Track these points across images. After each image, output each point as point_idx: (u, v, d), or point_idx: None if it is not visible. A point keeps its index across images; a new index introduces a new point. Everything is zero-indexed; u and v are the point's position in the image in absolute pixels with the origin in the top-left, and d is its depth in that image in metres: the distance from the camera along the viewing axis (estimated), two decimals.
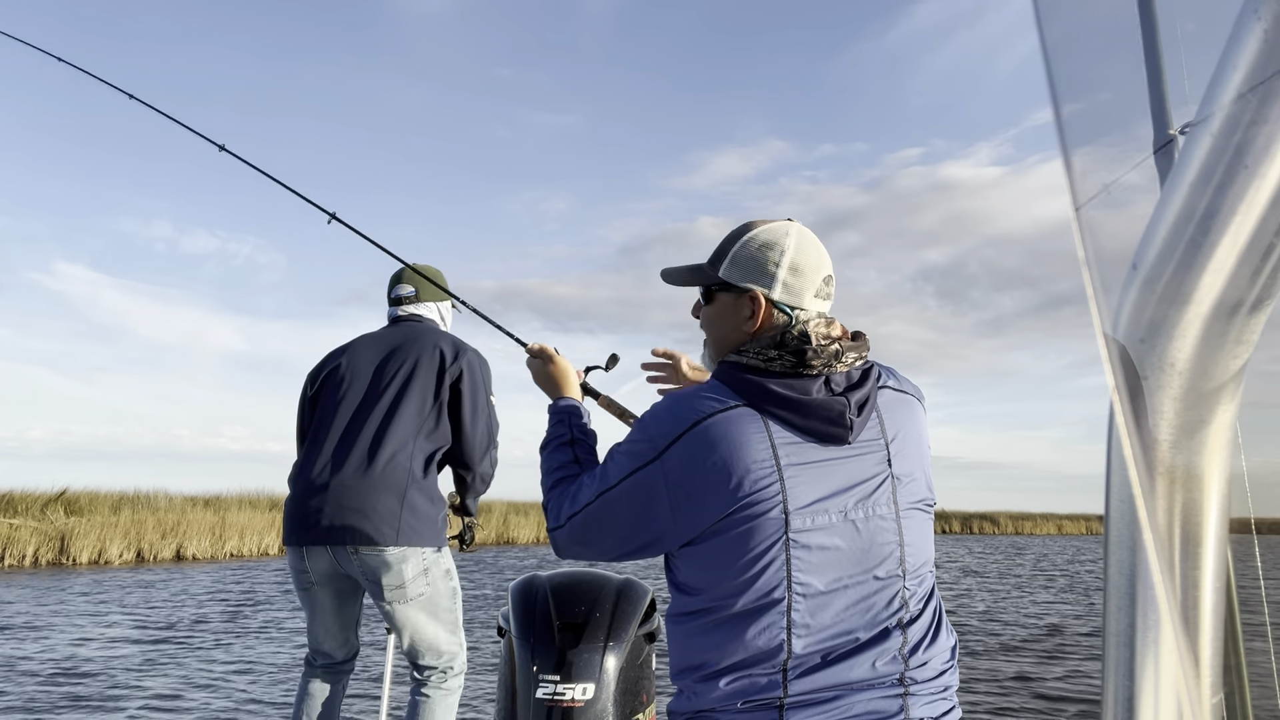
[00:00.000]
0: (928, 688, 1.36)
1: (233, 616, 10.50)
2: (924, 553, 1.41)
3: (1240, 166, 0.36)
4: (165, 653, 8.12)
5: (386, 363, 2.91)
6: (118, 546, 17.78)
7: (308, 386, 3.01)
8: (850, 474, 1.35)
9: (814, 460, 1.34)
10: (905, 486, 1.40)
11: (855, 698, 1.32)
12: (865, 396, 1.37)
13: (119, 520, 18.46)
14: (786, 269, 1.43)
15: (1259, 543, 1.21)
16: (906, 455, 1.41)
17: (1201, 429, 0.43)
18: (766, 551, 1.31)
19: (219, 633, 9.31)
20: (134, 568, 16.85)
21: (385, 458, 2.76)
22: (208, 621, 10.09)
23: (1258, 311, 0.40)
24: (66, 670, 7.18)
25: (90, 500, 19.86)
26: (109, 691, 6.53)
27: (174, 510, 20.51)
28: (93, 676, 7.00)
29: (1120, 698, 0.46)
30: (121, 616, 10.31)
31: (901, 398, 1.45)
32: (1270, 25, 0.32)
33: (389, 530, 2.70)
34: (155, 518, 19.23)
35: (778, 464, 1.32)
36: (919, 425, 1.45)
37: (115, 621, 9.91)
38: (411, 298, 3.13)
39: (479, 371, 2.95)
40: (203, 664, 7.68)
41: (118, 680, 6.91)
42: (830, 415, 1.35)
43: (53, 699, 6.25)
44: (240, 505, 22.62)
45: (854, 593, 1.34)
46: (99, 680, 6.87)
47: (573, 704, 2.15)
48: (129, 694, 6.47)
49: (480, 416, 2.94)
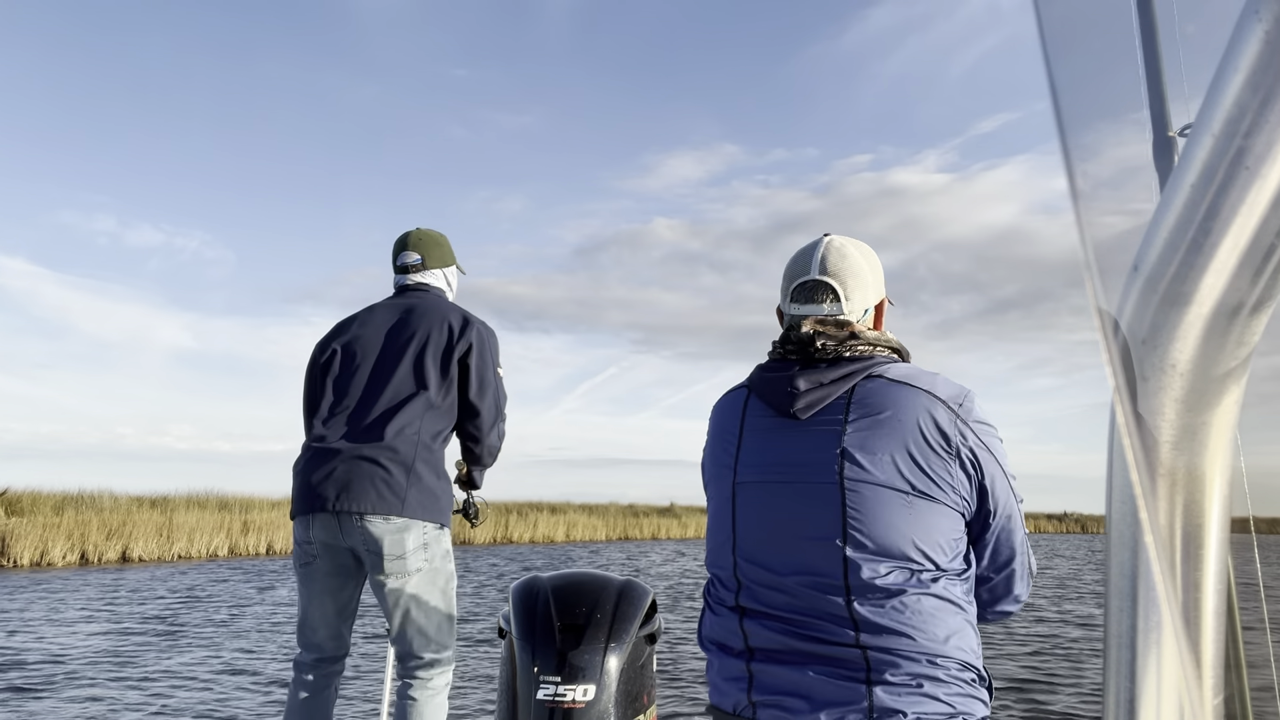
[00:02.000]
0: (888, 668, 1.43)
1: (180, 618, 10.33)
2: (881, 530, 1.49)
3: (1241, 168, 0.36)
4: (119, 653, 8.11)
5: (396, 336, 2.90)
6: (60, 548, 17.28)
7: (317, 355, 3.00)
8: (799, 443, 1.56)
9: (769, 429, 1.61)
10: (861, 464, 1.50)
11: (801, 644, 1.49)
12: (824, 380, 1.56)
13: (62, 521, 17.96)
14: (782, 280, 1.74)
15: (1259, 543, 1.21)
16: (873, 436, 1.51)
17: (1203, 430, 0.43)
18: (728, 496, 1.65)
19: (171, 635, 9.31)
20: (78, 569, 16.48)
21: (394, 431, 2.77)
22: (161, 622, 10.09)
23: (1259, 313, 0.40)
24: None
25: (32, 500, 19.43)
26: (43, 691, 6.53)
27: (119, 511, 19.98)
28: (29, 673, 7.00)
29: (1122, 699, 0.46)
30: (61, 618, 10.28)
31: (896, 388, 1.54)
32: (1271, 26, 0.32)
33: (394, 500, 2.71)
34: (100, 518, 18.73)
35: (741, 429, 1.65)
36: (909, 414, 1.51)
37: (58, 622, 9.90)
38: (418, 265, 3.10)
39: (487, 344, 2.95)
40: (142, 669, 7.68)
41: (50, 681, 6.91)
42: (779, 391, 1.60)
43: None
44: (188, 506, 22.07)
45: (786, 545, 1.54)
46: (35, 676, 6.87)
47: (573, 705, 2.15)
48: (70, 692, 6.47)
49: (488, 389, 2.93)
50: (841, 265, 1.65)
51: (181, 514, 20.66)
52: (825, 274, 1.64)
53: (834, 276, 1.64)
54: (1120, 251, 0.42)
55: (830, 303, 1.63)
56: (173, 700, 6.35)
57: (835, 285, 1.63)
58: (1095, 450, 0.55)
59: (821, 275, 1.64)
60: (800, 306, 1.66)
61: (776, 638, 1.52)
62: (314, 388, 2.97)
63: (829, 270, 1.64)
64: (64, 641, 8.55)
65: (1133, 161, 0.49)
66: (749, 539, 1.59)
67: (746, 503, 1.61)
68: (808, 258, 1.68)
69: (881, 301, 1.73)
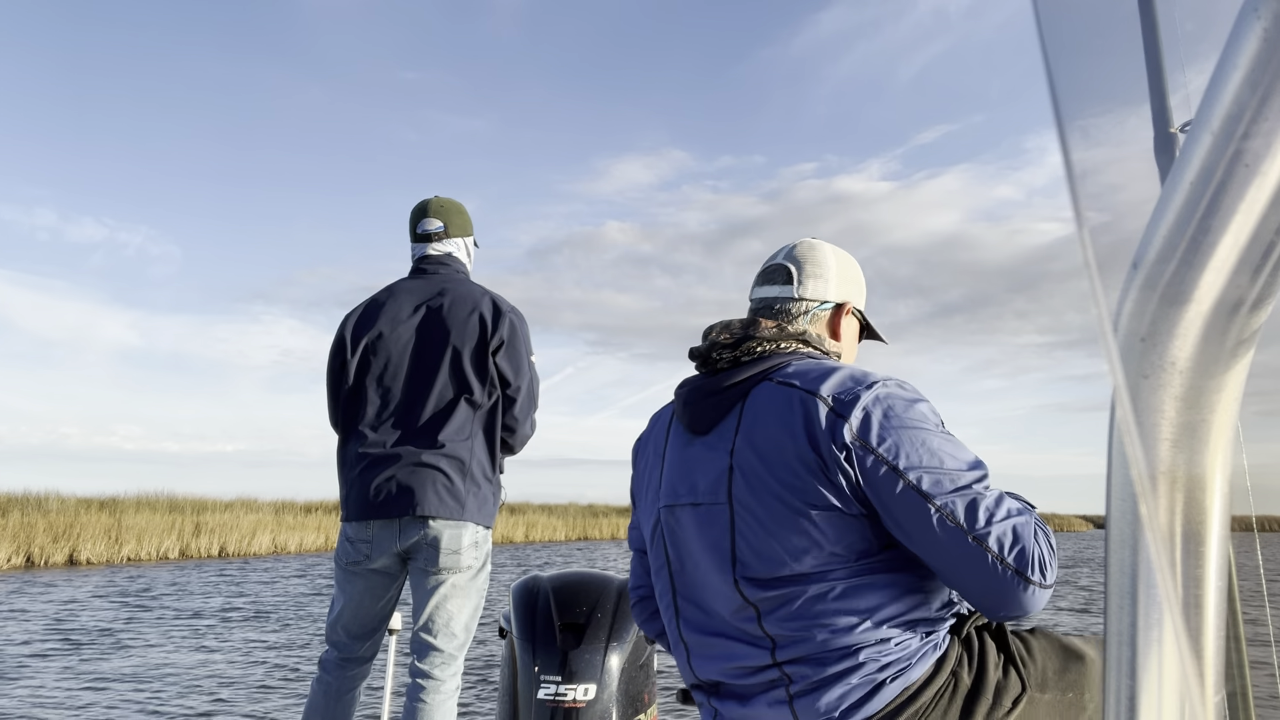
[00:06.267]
0: (803, 679, 1.35)
1: (130, 620, 10.28)
2: (772, 548, 1.36)
3: (1240, 165, 0.36)
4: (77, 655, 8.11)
5: (431, 333, 2.87)
6: (5, 550, 17.00)
7: (347, 349, 2.94)
8: (698, 462, 1.48)
9: (681, 448, 1.53)
10: (751, 479, 1.38)
11: (737, 676, 1.43)
12: (717, 388, 1.47)
13: (7, 523, 17.67)
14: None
15: (1260, 540, 1.21)
16: (759, 447, 1.38)
17: (1203, 427, 0.43)
18: (655, 521, 1.57)
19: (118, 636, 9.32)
20: (23, 572, 16.26)
21: (448, 435, 2.79)
22: (107, 626, 10.09)
23: (1259, 310, 0.40)
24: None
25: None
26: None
27: (66, 512, 19.59)
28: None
29: (1123, 697, 0.46)
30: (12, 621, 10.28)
31: (781, 391, 1.40)
32: (1270, 24, 0.33)
33: (455, 505, 2.75)
34: (46, 520, 18.41)
35: (665, 450, 1.58)
36: (790, 418, 1.37)
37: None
38: (440, 233, 3.04)
39: (520, 333, 2.93)
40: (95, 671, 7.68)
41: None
42: (680, 406, 1.54)
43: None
44: (138, 507, 21.66)
45: (700, 572, 1.46)
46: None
47: (574, 704, 2.16)
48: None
49: (524, 379, 2.92)
50: (807, 254, 1.63)
51: (131, 515, 20.25)
52: (788, 259, 1.63)
53: (793, 261, 1.62)
54: (1119, 249, 0.42)
55: (782, 284, 1.60)
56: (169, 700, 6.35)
57: (791, 268, 1.61)
58: (1044, 450, 0.54)
59: (784, 260, 1.63)
60: (758, 289, 1.64)
61: (716, 667, 1.46)
62: (356, 387, 2.92)
63: (793, 256, 1.63)
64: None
65: (1133, 158, 0.49)
66: (673, 568, 1.53)
67: (667, 529, 1.53)
68: (780, 249, 1.67)
69: (845, 304, 1.63)
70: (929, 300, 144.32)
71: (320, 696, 2.88)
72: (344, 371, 2.94)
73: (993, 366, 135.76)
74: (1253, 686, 1.26)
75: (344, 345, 2.95)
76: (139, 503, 22.42)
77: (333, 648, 2.92)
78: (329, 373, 2.99)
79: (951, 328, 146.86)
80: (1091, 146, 0.39)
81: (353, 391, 2.91)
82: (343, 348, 2.95)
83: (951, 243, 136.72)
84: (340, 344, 2.96)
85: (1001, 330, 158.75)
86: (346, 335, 2.96)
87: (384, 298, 2.98)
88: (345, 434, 2.94)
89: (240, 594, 13.25)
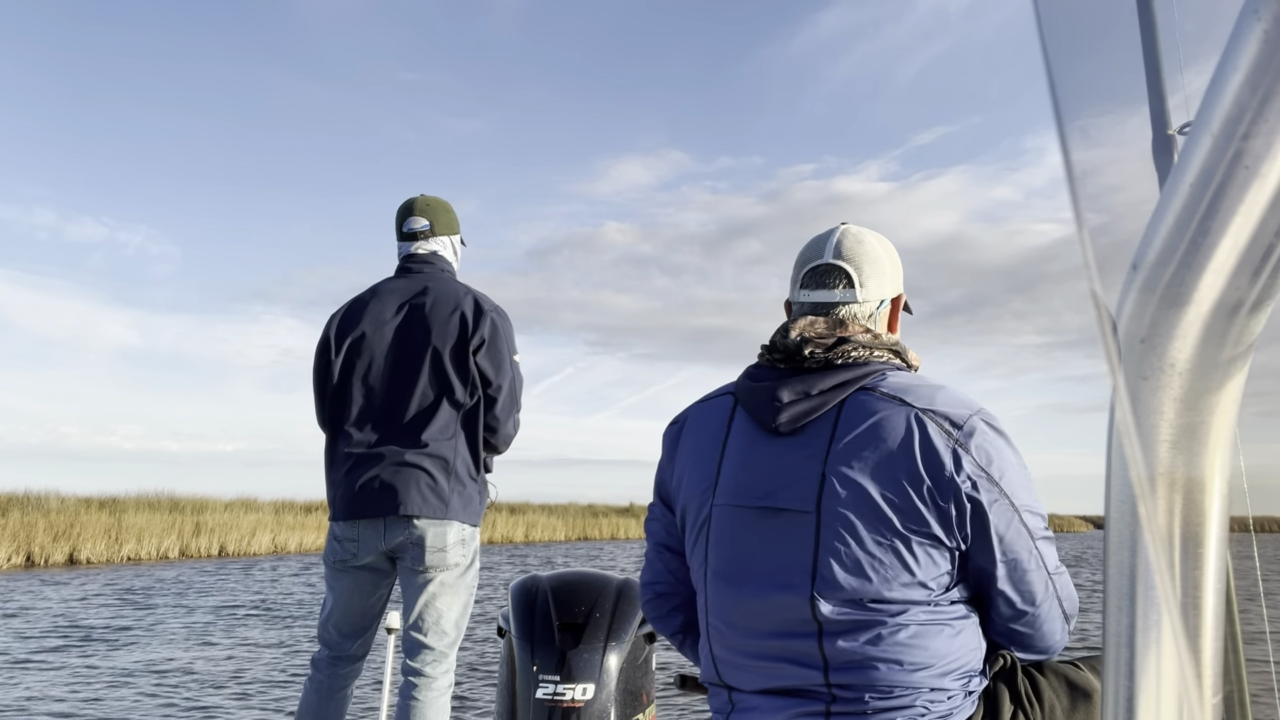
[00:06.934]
0: (843, 716, 1.31)
1: (133, 621, 10.29)
2: (856, 568, 1.32)
3: (1240, 167, 0.36)
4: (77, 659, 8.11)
5: (412, 332, 2.88)
6: (6, 550, 16.96)
7: (331, 349, 2.95)
8: (778, 462, 1.40)
9: (750, 445, 1.44)
10: (849, 491, 1.33)
11: (772, 685, 1.38)
12: (811, 390, 1.38)
13: (7, 522, 17.64)
14: (793, 267, 1.57)
15: (1258, 541, 1.21)
16: (859, 459, 1.33)
17: (1202, 429, 0.43)
18: (705, 519, 1.47)
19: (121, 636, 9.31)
20: (24, 571, 16.25)
21: (432, 435, 2.80)
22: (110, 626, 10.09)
23: (1258, 312, 0.40)
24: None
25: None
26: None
27: (66, 512, 19.55)
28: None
29: (1121, 698, 0.46)
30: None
31: (888, 404, 1.36)
32: (1270, 25, 0.33)
33: (439, 504, 2.76)
34: (46, 520, 18.37)
35: (725, 444, 1.47)
36: (900, 435, 1.33)
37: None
38: (426, 231, 3.03)
39: (502, 332, 2.92)
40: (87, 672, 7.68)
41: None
42: (760, 401, 1.43)
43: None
44: (138, 507, 21.62)
45: (755, 579, 1.39)
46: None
47: (573, 704, 2.16)
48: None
49: (505, 378, 2.92)
50: (858, 250, 1.51)
51: (131, 515, 20.23)
52: (840, 258, 1.50)
53: (849, 261, 1.49)
54: (1119, 250, 0.42)
55: (844, 289, 1.48)
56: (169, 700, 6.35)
57: (850, 270, 1.49)
58: (1043, 450, 0.54)
59: (836, 259, 1.50)
60: (810, 293, 1.50)
61: (751, 678, 1.41)
62: (340, 387, 2.93)
63: (844, 254, 1.50)
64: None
65: (1133, 159, 0.49)
66: (721, 569, 1.44)
67: (721, 528, 1.44)
68: (822, 243, 1.53)
69: (899, 297, 1.57)
70: (928, 301, 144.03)
71: (313, 695, 2.89)
72: (329, 371, 2.94)
73: (991, 367, 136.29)
74: (1250, 688, 1.26)
75: (328, 345, 2.95)
76: (139, 502, 22.41)
77: (324, 646, 2.93)
78: (315, 372, 2.99)
79: (950, 328, 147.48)
80: (1091, 147, 0.39)
81: (338, 391, 2.92)
82: (327, 347, 2.95)
83: (950, 243, 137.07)
84: (325, 344, 2.97)
85: (1000, 331, 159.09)
86: (331, 335, 2.97)
87: (368, 297, 2.98)
88: (332, 433, 2.95)
89: (240, 593, 13.24)
